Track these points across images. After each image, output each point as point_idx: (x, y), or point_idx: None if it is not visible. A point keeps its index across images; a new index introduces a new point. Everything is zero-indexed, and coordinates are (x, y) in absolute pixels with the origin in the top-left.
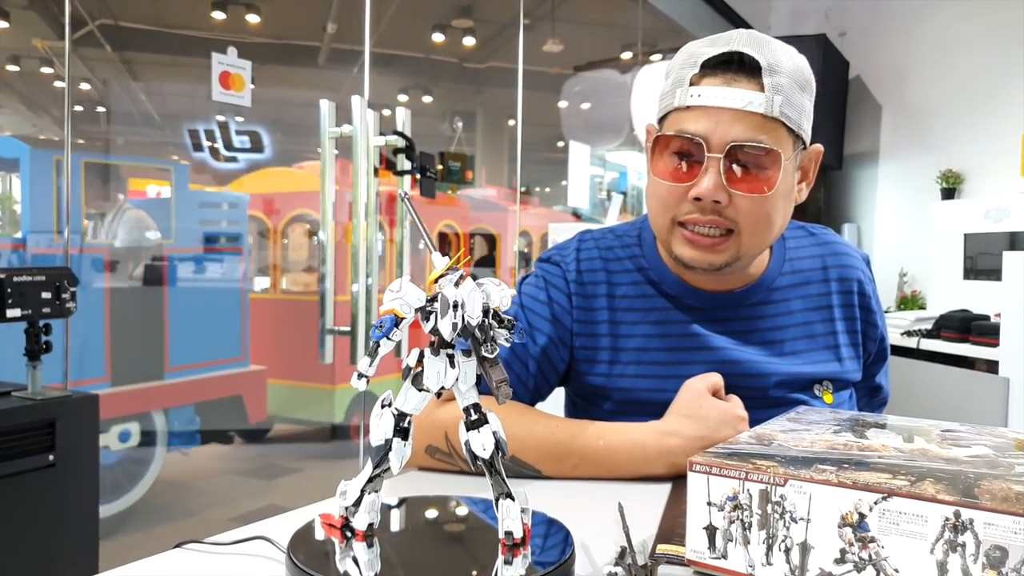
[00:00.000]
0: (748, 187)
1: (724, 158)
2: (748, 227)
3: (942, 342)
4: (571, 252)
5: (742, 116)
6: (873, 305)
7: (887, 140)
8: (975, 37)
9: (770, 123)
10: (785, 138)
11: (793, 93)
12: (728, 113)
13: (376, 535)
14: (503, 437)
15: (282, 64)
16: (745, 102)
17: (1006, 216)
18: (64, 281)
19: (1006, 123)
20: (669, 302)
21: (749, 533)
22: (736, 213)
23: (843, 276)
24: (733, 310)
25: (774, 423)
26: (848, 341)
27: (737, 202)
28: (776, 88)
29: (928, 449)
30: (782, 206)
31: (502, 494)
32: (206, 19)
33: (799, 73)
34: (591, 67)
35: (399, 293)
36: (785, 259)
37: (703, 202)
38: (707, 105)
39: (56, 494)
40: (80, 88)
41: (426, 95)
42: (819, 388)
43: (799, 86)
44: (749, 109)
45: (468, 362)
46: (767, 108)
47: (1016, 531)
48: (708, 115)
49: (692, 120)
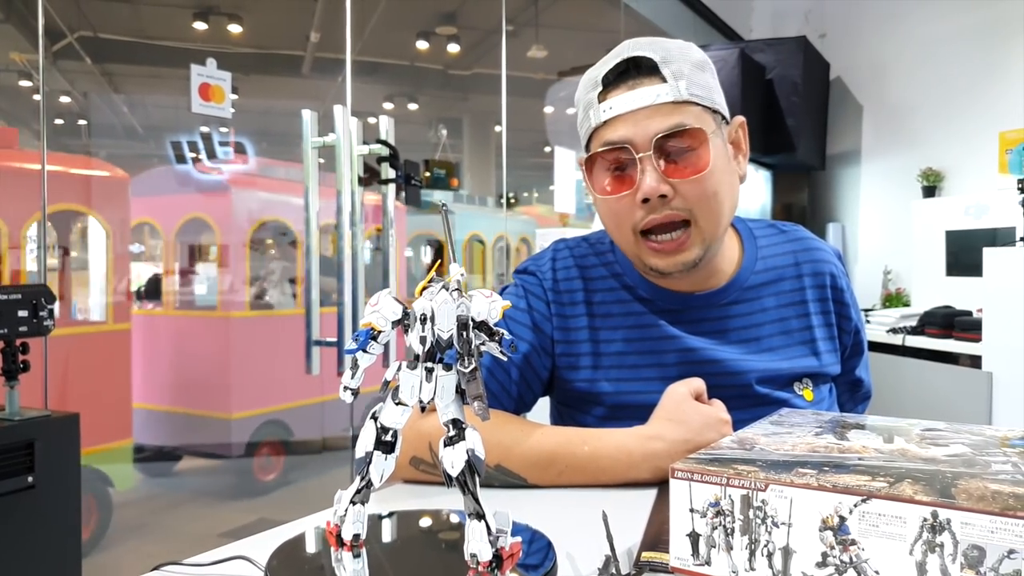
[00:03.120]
0: (686, 171)
1: (654, 153)
2: (701, 211)
3: (926, 338)
4: (547, 262)
5: (656, 110)
6: (847, 298)
7: (869, 140)
8: (953, 37)
9: (683, 107)
10: (702, 115)
11: (693, 74)
12: (642, 112)
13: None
14: (480, 456)
15: (266, 74)
16: (654, 96)
17: (985, 213)
18: (41, 299)
19: (984, 121)
20: (644, 306)
21: (732, 539)
22: (685, 201)
23: (816, 271)
24: (707, 310)
25: (756, 427)
26: (825, 335)
27: (681, 189)
28: (676, 75)
29: (907, 449)
30: (725, 180)
31: (472, 514)
32: (188, 30)
33: (691, 55)
34: (575, 72)
35: (376, 307)
36: (757, 257)
37: (651, 201)
38: (621, 112)
39: (36, 516)
40: (60, 101)
41: (412, 103)
42: (799, 386)
43: (696, 66)
44: (659, 101)
45: (447, 376)
46: (675, 94)
47: (992, 530)
48: (625, 121)
49: (612, 131)
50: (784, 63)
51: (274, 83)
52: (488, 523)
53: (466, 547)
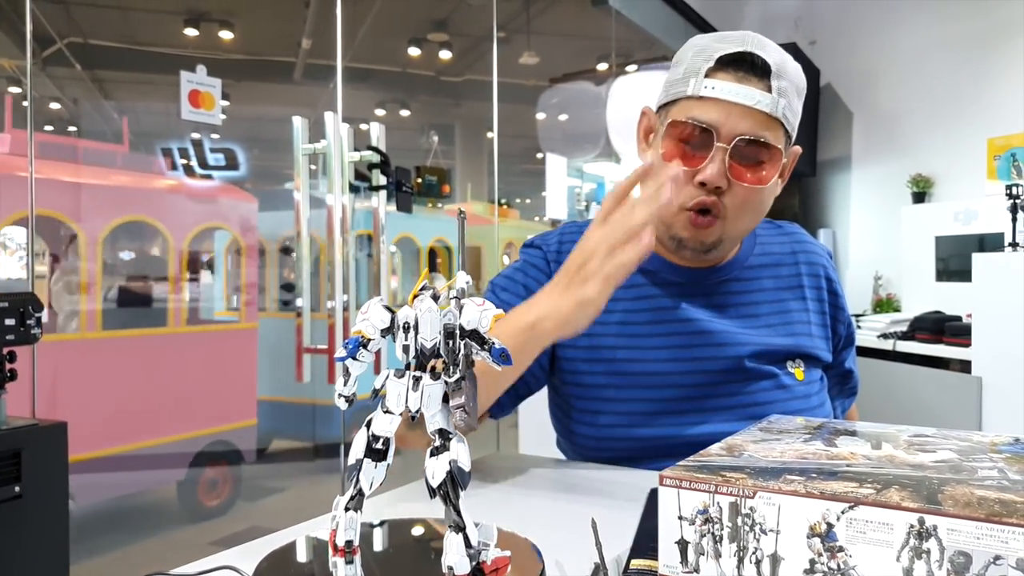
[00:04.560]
0: (748, 178)
1: (730, 149)
2: (737, 214)
3: (917, 343)
4: (554, 237)
5: (750, 112)
6: (838, 290)
7: (859, 146)
8: (942, 44)
9: (772, 122)
10: (782, 137)
11: (793, 97)
12: (738, 108)
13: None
14: (463, 468)
15: (258, 80)
16: (755, 100)
17: (974, 218)
18: (29, 307)
19: (973, 128)
20: (648, 278)
21: (720, 546)
22: (732, 200)
23: (811, 262)
24: (709, 284)
25: (745, 433)
26: (818, 321)
27: (735, 190)
28: (781, 91)
29: (895, 455)
30: (769, 198)
31: (451, 525)
32: (179, 36)
33: (799, 79)
34: (567, 79)
35: (366, 315)
36: (756, 244)
37: (707, 187)
38: (720, 98)
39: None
40: (50, 107)
41: (404, 109)
42: (791, 365)
43: (797, 91)
44: (758, 107)
45: (433, 385)
46: (772, 108)
47: (978, 536)
48: (719, 107)
49: (704, 110)
50: None
51: (266, 89)
52: (468, 535)
53: (444, 559)
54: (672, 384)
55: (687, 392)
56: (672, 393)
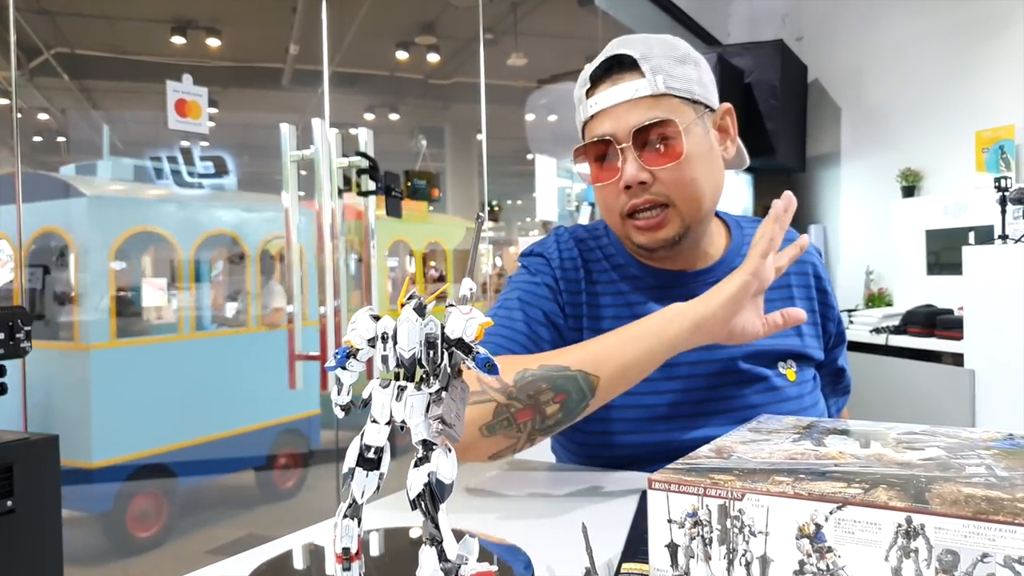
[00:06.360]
0: (662, 160)
1: (632, 144)
2: (678, 195)
3: (909, 337)
4: (552, 244)
5: (635, 104)
6: (828, 287)
7: (848, 141)
8: (928, 38)
9: (661, 100)
10: (680, 107)
11: (672, 68)
12: (622, 106)
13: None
14: (443, 480)
15: (246, 87)
16: (632, 91)
17: (964, 211)
18: (18, 320)
19: (960, 121)
20: (635, 284)
21: (710, 549)
22: (663, 187)
23: (800, 260)
24: (694, 287)
25: (734, 434)
26: (808, 320)
27: (660, 176)
28: (655, 70)
29: (883, 454)
30: (704, 166)
31: (428, 539)
32: (166, 45)
33: (673, 50)
34: (555, 80)
35: (354, 324)
36: (743, 243)
37: (632, 188)
38: (604, 107)
39: (17, 541)
40: (38, 118)
41: (393, 113)
42: (783, 366)
43: (677, 60)
44: (638, 96)
45: (416, 396)
46: (652, 88)
47: (966, 534)
48: (608, 115)
49: (598, 125)
50: (762, 67)
51: (254, 96)
52: (445, 549)
53: (418, 573)
54: (664, 390)
55: (679, 397)
56: (664, 399)
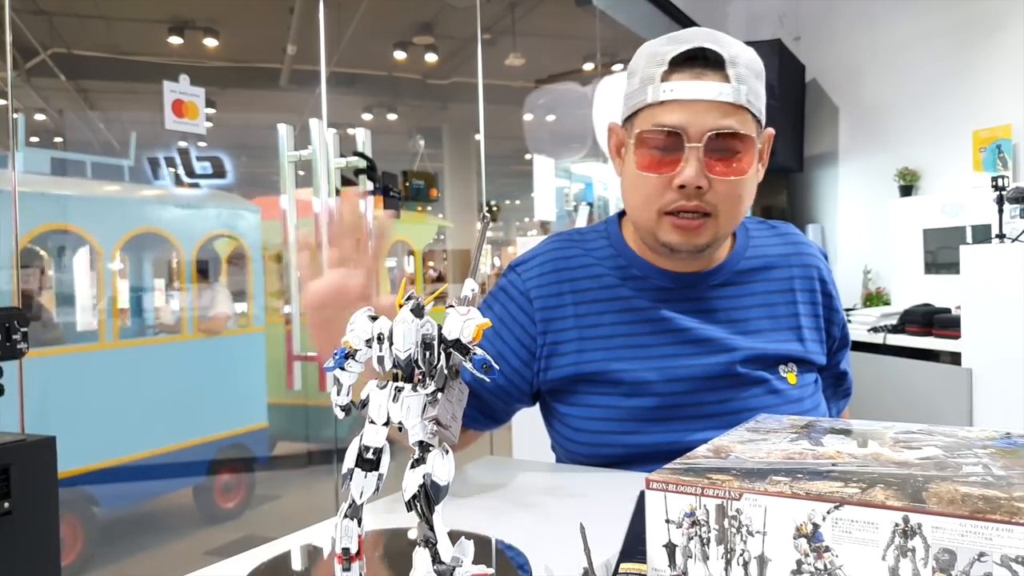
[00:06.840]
0: (726, 171)
1: (703, 146)
2: (724, 209)
3: (907, 336)
4: (533, 256)
5: (714, 106)
6: (832, 291)
7: (845, 141)
8: (925, 37)
9: (738, 111)
10: (751, 123)
11: (753, 82)
12: (701, 104)
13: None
14: (439, 482)
15: (244, 88)
16: (716, 93)
17: (961, 211)
18: (15, 321)
19: (958, 120)
20: (638, 285)
21: (708, 549)
22: (715, 197)
23: (804, 264)
24: (698, 290)
25: (732, 434)
26: (811, 324)
27: (716, 186)
28: (740, 78)
29: (881, 453)
30: (750, 187)
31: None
32: (163, 45)
33: (755, 63)
34: (553, 79)
35: (352, 325)
36: (748, 246)
37: (687, 189)
38: (681, 99)
39: (14, 543)
40: (35, 119)
41: (391, 113)
42: (784, 369)
43: (756, 75)
44: (720, 99)
45: (413, 397)
46: (735, 97)
47: (963, 533)
48: (683, 108)
49: (667, 114)
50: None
51: (252, 96)
52: (439, 551)
53: (411, 574)
54: (664, 392)
55: (679, 399)
56: (664, 401)
